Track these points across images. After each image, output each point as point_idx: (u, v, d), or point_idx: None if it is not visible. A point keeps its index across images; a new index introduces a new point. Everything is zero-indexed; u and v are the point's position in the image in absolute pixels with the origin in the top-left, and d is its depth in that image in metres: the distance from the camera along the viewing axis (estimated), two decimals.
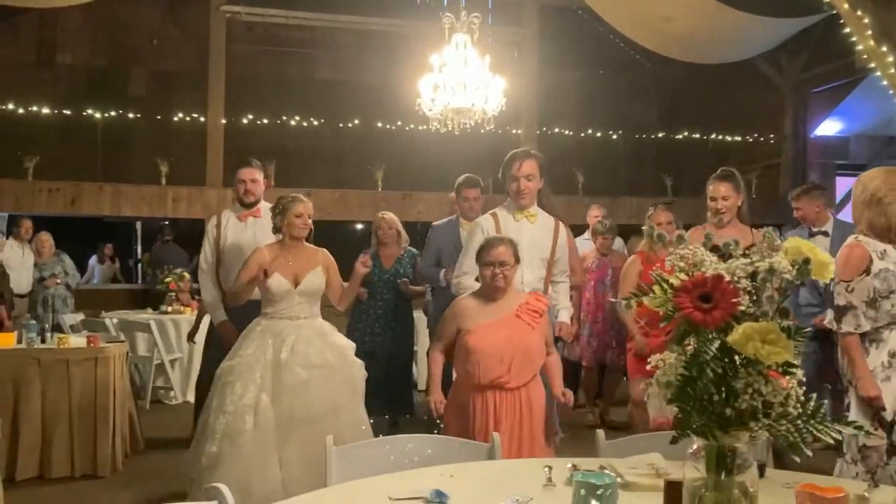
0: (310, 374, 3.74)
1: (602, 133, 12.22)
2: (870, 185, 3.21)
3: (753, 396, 1.30)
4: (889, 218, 3.14)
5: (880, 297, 3.10)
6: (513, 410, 3.30)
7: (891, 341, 3.12)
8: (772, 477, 2.10)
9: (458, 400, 3.42)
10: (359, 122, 11.32)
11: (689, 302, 1.32)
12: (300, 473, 3.56)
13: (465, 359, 3.35)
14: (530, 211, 4.08)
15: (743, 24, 8.84)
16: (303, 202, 4.01)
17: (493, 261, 3.39)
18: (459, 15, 7.14)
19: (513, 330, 3.35)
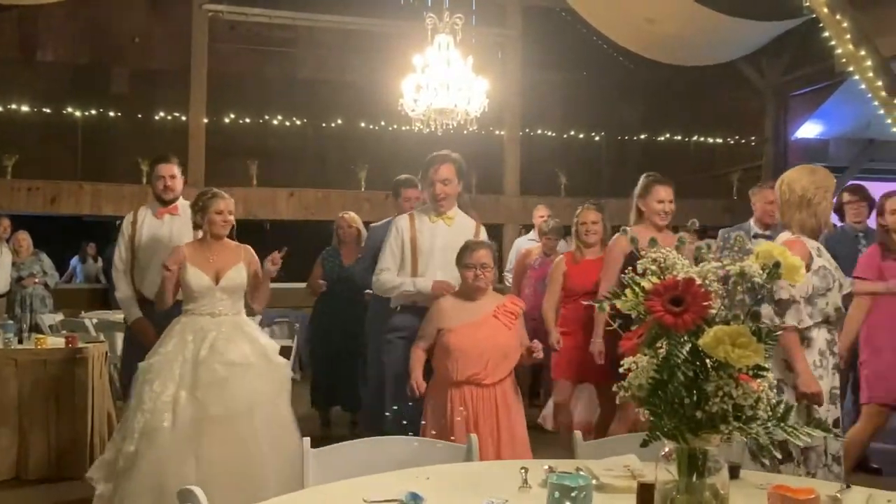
0: (228, 371, 3.68)
1: (585, 134, 12.27)
2: (796, 186, 3.22)
3: (724, 399, 1.31)
4: (819, 218, 3.18)
5: (817, 295, 3.12)
6: (489, 406, 3.43)
7: (819, 341, 3.15)
8: (746, 478, 2.11)
9: (437, 396, 3.55)
10: (342, 122, 11.31)
11: (660, 305, 1.33)
12: (217, 472, 3.52)
13: (445, 356, 3.49)
14: (448, 214, 4.06)
15: (724, 27, 8.91)
16: (223, 199, 3.94)
17: (475, 263, 3.52)
18: (442, 16, 7.16)
19: (490, 329, 3.50)
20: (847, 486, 2.01)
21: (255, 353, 3.80)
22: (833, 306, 3.15)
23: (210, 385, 3.65)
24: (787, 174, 3.33)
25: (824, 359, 3.15)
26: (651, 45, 9.57)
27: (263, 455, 3.61)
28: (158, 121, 10.77)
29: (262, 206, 10.41)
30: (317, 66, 12.33)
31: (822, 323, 3.16)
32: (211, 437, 3.59)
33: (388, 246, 4.07)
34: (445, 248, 3.96)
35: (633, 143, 12.48)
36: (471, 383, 3.44)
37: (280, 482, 3.53)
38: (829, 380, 3.17)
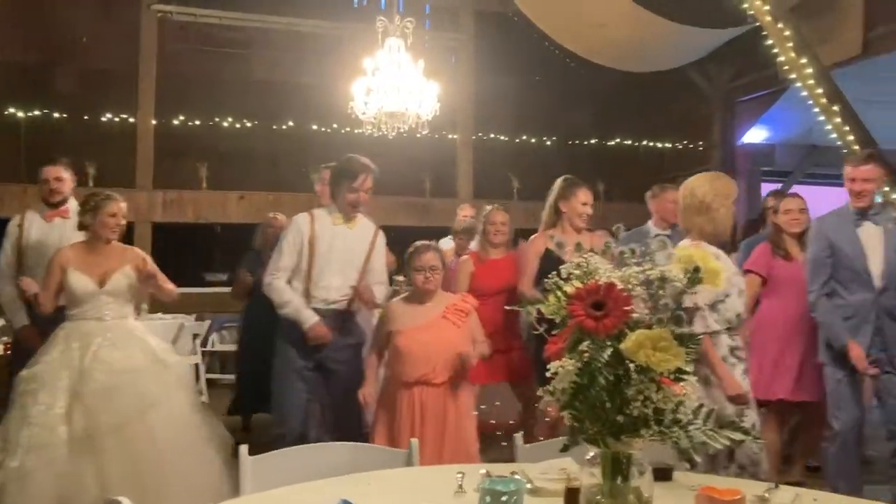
0: (114, 379, 3.61)
1: (537, 139, 12.36)
2: (698, 192, 3.29)
3: (645, 403, 1.33)
4: (717, 224, 3.25)
5: (719, 301, 3.15)
6: (438, 406, 3.49)
7: (721, 346, 3.20)
8: (679, 479, 2.14)
9: (387, 397, 3.62)
10: (294, 124, 11.22)
11: (581, 309, 1.34)
12: (119, 479, 3.45)
13: (395, 359, 3.57)
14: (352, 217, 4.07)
15: (673, 34, 9.04)
16: (116, 201, 3.91)
17: (424, 266, 3.58)
18: (393, 19, 7.15)
19: (440, 330, 3.57)
20: (775, 486, 2.05)
21: (145, 357, 3.74)
22: (734, 311, 3.20)
23: (96, 394, 3.56)
24: (690, 180, 3.39)
25: (726, 364, 3.19)
26: (601, 51, 9.68)
27: (163, 459, 3.55)
28: (106, 122, 10.56)
29: (212, 209, 10.28)
30: (269, 67, 12.20)
31: (726, 329, 3.21)
32: (106, 447, 3.50)
33: (285, 244, 4.00)
34: (345, 252, 3.98)
35: (584, 147, 12.60)
36: (420, 383, 3.50)
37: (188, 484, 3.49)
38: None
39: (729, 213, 3.29)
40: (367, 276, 4.11)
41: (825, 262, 3.92)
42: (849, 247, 3.87)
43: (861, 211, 3.95)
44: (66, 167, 4.62)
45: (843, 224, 3.94)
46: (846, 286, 3.90)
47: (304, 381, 3.99)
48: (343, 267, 3.98)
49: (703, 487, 1.76)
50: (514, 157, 11.99)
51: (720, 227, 3.27)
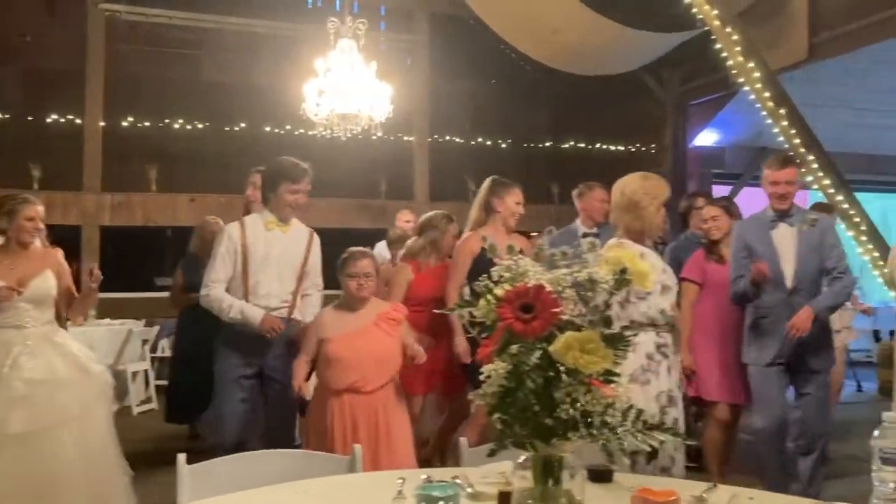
0: (30, 389, 3.51)
1: (493, 141, 12.39)
2: (627, 190, 3.34)
3: (573, 406, 1.32)
4: (644, 222, 3.29)
5: (636, 298, 3.19)
6: (369, 413, 3.46)
7: (646, 344, 3.24)
8: (619, 481, 2.14)
9: (319, 406, 3.57)
10: (246, 126, 11.08)
11: (510, 312, 1.32)
12: (12, 488, 3.35)
13: (326, 367, 3.52)
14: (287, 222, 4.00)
15: (625, 38, 9.14)
16: (33, 204, 3.78)
17: (358, 273, 3.54)
18: (345, 20, 7.10)
19: (370, 337, 3.53)
20: (713, 486, 2.05)
21: (66, 366, 3.63)
22: (656, 309, 3.22)
23: (9, 402, 3.46)
24: (623, 179, 3.44)
25: (652, 361, 3.23)
26: (555, 55, 9.74)
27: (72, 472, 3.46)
28: (52, 124, 10.31)
29: (162, 211, 10.10)
30: (221, 68, 12.04)
31: (648, 326, 3.24)
32: (9, 455, 3.39)
33: (218, 255, 3.89)
34: (280, 257, 3.89)
35: (539, 150, 12.68)
36: (350, 391, 3.45)
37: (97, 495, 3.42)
38: (664, 381, 3.25)
39: (656, 212, 3.31)
40: (304, 280, 4.03)
41: (742, 264, 4.00)
42: (763, 249, 3.95)
43: (780, 213, 4.00)
44: None
45: (759, 227, 4.01)
46: (761, 285, 3.97)
47: (242, 390, 3.89)
48: (280, 272, 3.89)
49: (639, 489, 1.76)
50: (471, 160, 12.00)
51: (647, 225, 3.30)
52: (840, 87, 10.10)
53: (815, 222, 4.03)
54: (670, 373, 3.28)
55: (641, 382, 3.18)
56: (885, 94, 10.19)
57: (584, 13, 8.48)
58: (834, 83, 9.97)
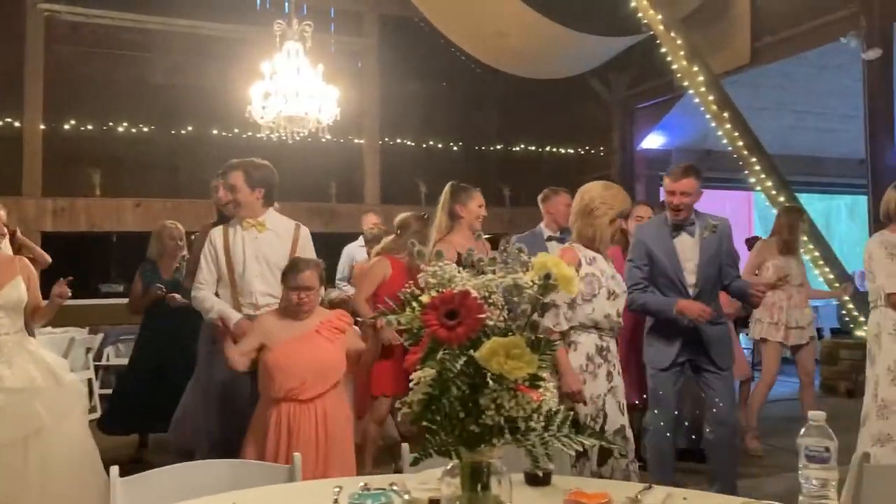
0: (7, 398, 3.42)
1: (444, 144, 12.40)
2: (586, 196, 3.42)
3: (499, 412, 1.31)
4: (595, 229, 3.36)
5: (582, 300, 3.28)
6: (308, 422, 3.37)
7: (587, 345, 3.32)
8: (557, 484, 2.14)
9: (258, 415, 3.48)
10: (193, 129, 10.90)
11: (435, 319, 1.32)
12: None
13: (266, 376, 3.42)
14: (258, 220, 3.94)
15: (572, 42, 9.24)
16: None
17: (300, 285, 3.41)
18: (292, 22, 7.03)
19: (311, 345, 3.43)
20: (649, 486, 2.08)
21: (42, 375, 3.54)
22: (601, 313, 3.31)
23: None
24: (585, 185, 3.51)
25: (591, 363, 3.30)
26: (503, 58, 9.80)
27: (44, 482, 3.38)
28: None
29: (107, 217, 9.88)
30: (168, 71, 11.82)
31: (592, 328, 3.31)
32: None
33: (202, 259, 3.97)
34: (258, 257, 3.89)
35: (490, 152, 12.74)
36: (289, 400, 3.38)
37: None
38: (601, 385, 3.31)
39: (610, 222, 3.36)
40: None
41: (642, 269, 4.02)
42: (665, 257, 3.98)
43: (678, 223, 4.05)
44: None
45: (660, 235, 4.04)
46: (663, 291, 4.01)
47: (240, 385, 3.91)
48: (263, 271, 3.89)
49: (572, 492, 1.76)
50: (422, 162, 12.00)
51: (598, 233, 3.36)
52: (782, 91, 10.37)
53: (716, 228, 4.07)
54: (610, 378, 3.33)
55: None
56: (825, 97, 10.48)
57: (529, 16, 8.55)
58: (776, 87, 10.22)
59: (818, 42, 8.70)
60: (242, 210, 3.93)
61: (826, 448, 1.72)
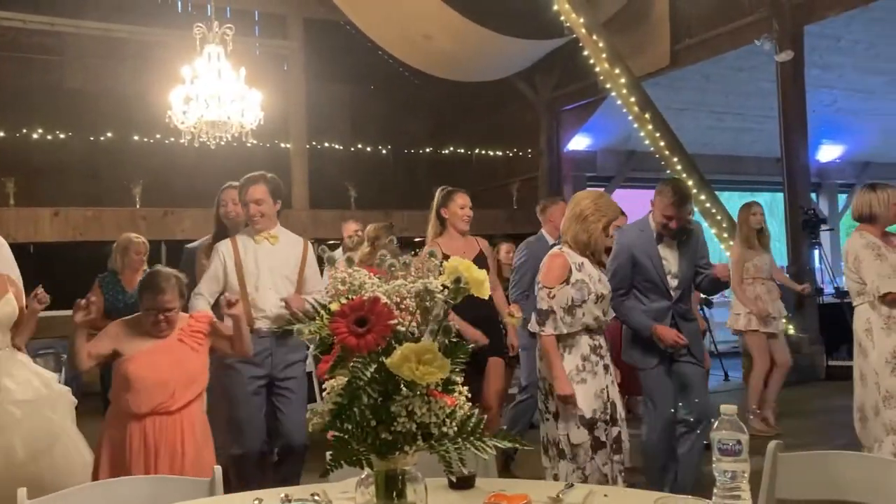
0: (22, 409, 3.46)
1: (373, 148, 12.36)
2: (581, 203, 3.56)
3: (411, 418, 1.30)
4: (590, 235, 3.50)
5: (575, 306, 3.43)
6: (174, 435, 3.18)
7: (582, 346, 3.46)
8: (481, 487, 2.14)
9: (113, 430, 3.22)
10: (113, 136, 10.58)
11: (344, 327, 1.30)
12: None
13: (124, 388, 3.16)
14: (271, 233, 4.06)
15: (497, 45, 9.31)
16: None
17: (159, 307, 3.19)
18: (212, 25, 6.89)
19: (175, 355, 3.22)
20: (571, 485, 2.09)
21: (42, 384, 3.56)
22: (591, 316, 3.46)
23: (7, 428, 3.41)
24: (578, 193, 3.73)
25: (588, 362, 3.45)
26: (430, 61, 9.81)
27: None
28: None
29: (22, 227, 9.49)
30: (85, 75, 11.46)
31: (584, 331, 3.47)
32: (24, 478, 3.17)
33: (211, 270, 4.05)
34: (272, 269, 4.00)
35: (420, 155, 12.75)
36: (155, 413, 3.16)
37: None
38: (601, 379, 3.47)
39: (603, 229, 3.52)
40: (303, 287, 4.11)
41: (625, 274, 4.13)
42: (650, 262, 4.11)
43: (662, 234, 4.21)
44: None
45: (644, 240, 4.15)
46: (646, 294, 4.13)
47: (259, 399, 4.04)
48: (275, 282, 4.00)
49: (492, 494, 1.76)
50: (351, 167, 11.93)
51: (592, 239, 3.50)
52: (701, 93, 10.67)
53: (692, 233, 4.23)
54: (607, 371, 3.52)
55: (577, 382, 3.40)
56: (742, 98, 10.83)
57: (455, 20, 8.59)
58: (695, 88, 10.51)
59: (734, 45, 8.99)
60: (264, 222, 3.99)
61: (738, 441, 1.75)
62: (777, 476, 2.24)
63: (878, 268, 4.15)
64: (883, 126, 12.57)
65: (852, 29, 9.37)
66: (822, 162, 13.37)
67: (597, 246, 3.54)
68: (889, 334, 4.14)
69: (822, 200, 13.70)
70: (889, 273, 4.14)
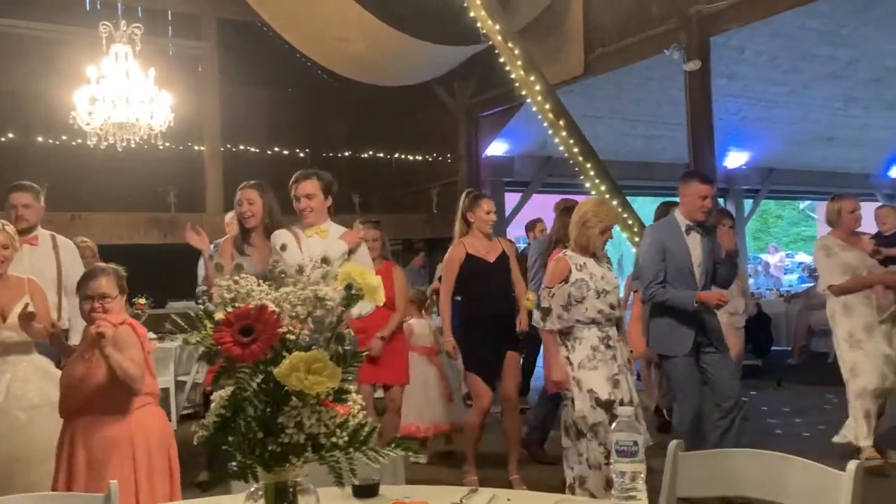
0: (30, 415, 3.50)
1: (290, 151, 12.17)
2: (582, 209, 4.04)
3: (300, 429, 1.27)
4: (588, 238, 3.96)
5: (575, 302, 3.89)
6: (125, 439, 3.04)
7: (591, 338, 3.91)
8: (385, 494, 2.12)
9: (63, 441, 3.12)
10: (15, 137, 10.10)
11: (229, 336, 1.26)
12: None
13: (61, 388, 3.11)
14: (321, 227, 4.21)
15: (415, 50, 9.32)
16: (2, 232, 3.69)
17: (93, 294, 3.09)
18: (120, 24, 6.66)
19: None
20: (475, 490, 2.10)
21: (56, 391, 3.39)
22: (594, 310, 3.91)
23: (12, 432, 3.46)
24: (583, 200, 4.24)
25: (597, 352, 3.88)
26: (346, 65, 9.75)
27: None
28: None
29: None
30: None
31: (591, 324, 3.91)
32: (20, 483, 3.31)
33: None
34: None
35: (338, 159, 12.62)
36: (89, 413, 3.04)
37: None
38: (611, 366, 3.89)
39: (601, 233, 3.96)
40: None
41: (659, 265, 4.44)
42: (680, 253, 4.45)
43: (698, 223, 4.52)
44: (34, 193, 4.41)
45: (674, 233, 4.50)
46: (673, 284, 4.43)
47: None
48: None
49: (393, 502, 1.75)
50: (267, 170, 11.69)
51: (591, 242, 3.96)
52: (614, 101, 10.91)
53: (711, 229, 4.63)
54: (616, 358, 3.93)
55: (590, 368, 3.84)
56: (654, 106, 11.12)
57: (371, 23, 8.55)
58: (609, 97, 10.75)
59: (645, 54, 9.22)
60: (314, 217, 4.16)
61: (634, 442, 1.79)
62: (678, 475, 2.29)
63: (826, 265, 5.01)
64: (785, 134, 13.13)
65: (756, 41, 9.75)
66: (729, 168, 13.85)
67: (594, 247, 3.97)
68: (848, 317, 4.93)
69: (730, 205, 14.19)
70: (835, 269, 4.94)
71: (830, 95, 11.72)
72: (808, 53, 10.42)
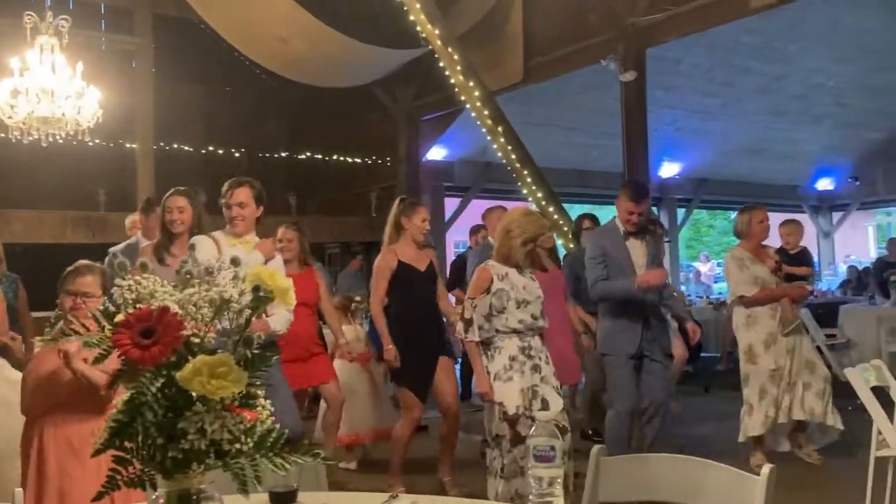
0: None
1: (225, 150, 11.96)
2: (507, 219, 4.01)
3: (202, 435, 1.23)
4: (510, 248, 3.90)
5: (496, 312, 3.85)
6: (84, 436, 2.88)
7: (510, 348, 3.86)
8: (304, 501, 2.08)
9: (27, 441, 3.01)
10: None
11: (128, 338, 1.21)
12: None
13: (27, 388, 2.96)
14: (246, 238, 4.03)
15: (353, 51, 9.25)
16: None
17: (76, 291, 2.97)
18: (45, 15, 6.43)
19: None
20: (395, 496, 2.07)
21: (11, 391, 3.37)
22: (515, 319, 3.86)
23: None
24: (510, 210, 4.26)
25: (515, 362, 3.84)
26: (284, 64, 9.63)
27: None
28: None
29: None
30: None
31: (513, 333, 3.87)
32: None
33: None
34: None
35: (275, 159, 12.47)
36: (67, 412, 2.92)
37: None
38: (527, 378, 3.83)
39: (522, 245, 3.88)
40: None
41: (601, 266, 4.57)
42: (621, 258, 4.55)
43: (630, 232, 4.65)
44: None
45: (614, 239, 4.63)
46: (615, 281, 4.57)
47: None
48: None
49: None
50: (201, 169, 11.48)
51: (512, 252, 3.90)
52: (553, 109, 11.03)
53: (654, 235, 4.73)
54: (537, 370, 3.85)
55: (504, 380, 3.78)
56: (591, 115, 11.28)
57: (310, 23, 8.47)
58: (547, 104, 10.86)
59: (582, 63, 9.35)
60: (244, 226, 3.99)
61: (552, 447, 1.78)
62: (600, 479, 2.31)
63: (738, 276, 5.05)
64: (717, 145, 13.47)
65: (692, 53, 9.98)
66: (662, 178, 14.14)
67: (516, 258, 3.89)
68: (748, 330, 5.03)
69: (663, 214, 14.50)
70: (747, 280, 5.00)
71: (761, 109, 12.08)
72: (741, 67, 10.72)
